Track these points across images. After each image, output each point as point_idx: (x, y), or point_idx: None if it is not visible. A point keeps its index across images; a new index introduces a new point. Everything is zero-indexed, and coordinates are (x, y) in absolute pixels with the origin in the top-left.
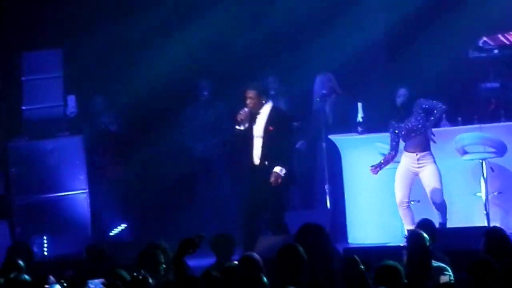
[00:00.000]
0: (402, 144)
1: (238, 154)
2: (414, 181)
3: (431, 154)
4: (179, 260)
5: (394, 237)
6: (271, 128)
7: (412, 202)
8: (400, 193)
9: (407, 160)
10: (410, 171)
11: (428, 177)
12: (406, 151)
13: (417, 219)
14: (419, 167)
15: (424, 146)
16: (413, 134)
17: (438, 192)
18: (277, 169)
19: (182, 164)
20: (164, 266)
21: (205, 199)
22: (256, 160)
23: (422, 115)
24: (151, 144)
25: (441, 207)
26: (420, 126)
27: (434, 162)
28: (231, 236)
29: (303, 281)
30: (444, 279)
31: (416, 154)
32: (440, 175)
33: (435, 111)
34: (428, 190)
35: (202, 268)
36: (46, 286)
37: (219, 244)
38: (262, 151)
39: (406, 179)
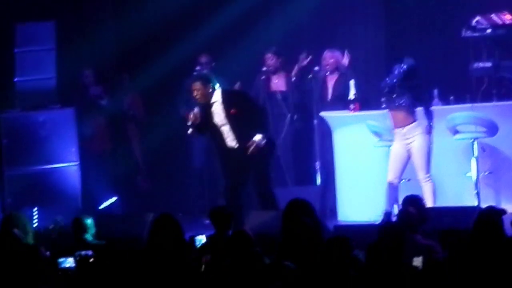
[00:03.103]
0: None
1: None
2: (408, 159)
3: (419, 125)
4: None
5: None
6: (232, 111)
7: (402, 180)
8: (390, 172)
9: (397, 137)
10: (401, 149)
11: (414, 153)
12: (395, 127)
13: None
14: (408, 143)
15: (409, 119)
16: (397, 105)
17: (422, 170)
18: (257, 137)
19: (172, 137)
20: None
21: (198, 173)
22: (231, 143)
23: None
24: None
25: (427, 189)
26: (403, 101)
27: (424, 133)
28: (230, 210)
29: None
30: (417, 260)
31: (403, 129)
32: (427, 148)
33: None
34: (415, 167)
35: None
36: (60, 260)
37: (218, 216)
38: (235, 133)
39: (398, 158)
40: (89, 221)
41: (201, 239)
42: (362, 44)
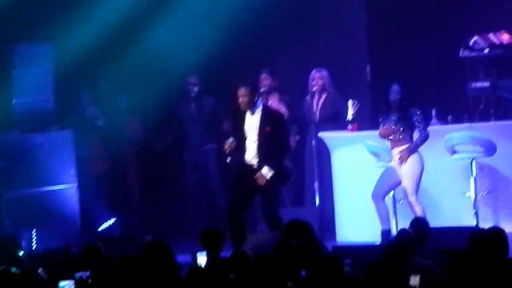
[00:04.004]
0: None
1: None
2: (396, 180)
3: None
4: None
5: None
6: (267, 129)
7: (400, 201)
8: (375, 187)
9: (393, 157)
10: (392, 169)
11: (403, 175)
12: (391, 147)
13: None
14: (398, 163)
15: (402, 141)
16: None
17: (410, 192)
18: (264, 170)
19: (171, 159)
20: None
21: (195, 194)
22: (249, 159)
23: (407, 121)
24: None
25: (416, 211)
26: (401, 127)
27: (415, 156)
28: (219, 230)
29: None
30: (414, 279)
31: (395, 150)
32: (416, 172)
33: (418, 136)
34: (404, 188)
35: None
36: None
37: (208, 238)
38: (258, 151)
39: (385, 175)
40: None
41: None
42: (358, 64)
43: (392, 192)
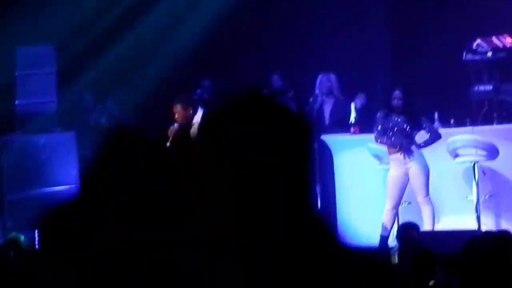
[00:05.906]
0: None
1: None
2: (407, 183)
3: (417, 149)
4: None
5: None
6: None
7: (403, 204)
8: (390, 200)
9: (393, 162)
10: (400, 175)
11: (413, 176)
12: (391, 154)
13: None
14: (407, 167)
15: (407, 143)
16: (397, 134)
17: (422, 192)
18: None
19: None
20: None
21: None
22: None
23: (414, 123)
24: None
25: (427, 211)
26: (405, 128)
27: (421, 156)
28: None
29: None
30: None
31: (401, 154)
32: (426, 170)
33: (429, 133)
34: (414, 190)
35: None
36: None
37: None
38: None
39: (397, 185)
40: None
41: None
42: (364, 67)
43: None
